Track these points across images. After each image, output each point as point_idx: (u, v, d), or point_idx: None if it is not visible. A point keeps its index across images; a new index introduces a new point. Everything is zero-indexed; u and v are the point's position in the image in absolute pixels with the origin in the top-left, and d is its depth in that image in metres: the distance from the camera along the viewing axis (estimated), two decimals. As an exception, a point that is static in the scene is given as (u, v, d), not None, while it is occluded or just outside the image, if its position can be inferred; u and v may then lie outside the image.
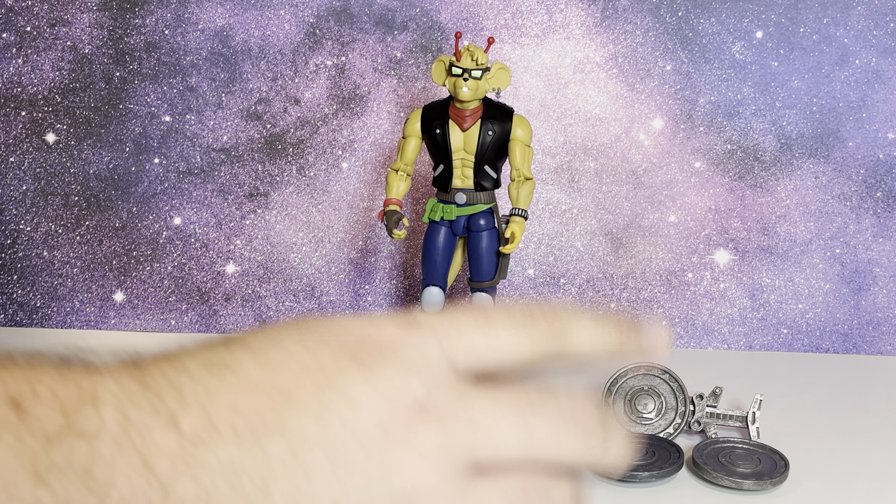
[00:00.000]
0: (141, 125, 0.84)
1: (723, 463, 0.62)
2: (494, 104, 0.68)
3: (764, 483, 0.60)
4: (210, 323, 0.86)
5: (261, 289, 0.85)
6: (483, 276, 0.69)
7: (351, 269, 0.85)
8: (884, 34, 0.81)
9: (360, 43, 0.83)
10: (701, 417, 0.67)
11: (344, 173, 0.85)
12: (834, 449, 0.67)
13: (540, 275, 0.85)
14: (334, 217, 0.85)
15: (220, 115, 0.84)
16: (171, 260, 0.85)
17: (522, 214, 0.67)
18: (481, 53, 0.66)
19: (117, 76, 0.84)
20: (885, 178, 0.82)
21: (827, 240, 0.83)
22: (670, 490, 0.61)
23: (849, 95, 0.82)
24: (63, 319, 0.86)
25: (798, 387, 0.77)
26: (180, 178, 0.84)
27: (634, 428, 0.67)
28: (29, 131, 0.84)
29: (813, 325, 0.84)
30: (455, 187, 0.68)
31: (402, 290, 0.85)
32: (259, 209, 0.85)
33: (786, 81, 0.82)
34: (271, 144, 0.84)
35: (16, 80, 0.84)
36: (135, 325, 0.86)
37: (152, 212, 0.85)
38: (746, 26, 0.82)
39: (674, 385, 0.67)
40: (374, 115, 0.84)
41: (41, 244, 0.85)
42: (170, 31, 0.84)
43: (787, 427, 0.69)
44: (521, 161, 0.68)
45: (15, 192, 0.85)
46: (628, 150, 0.83)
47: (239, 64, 0.84)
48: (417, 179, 0.84)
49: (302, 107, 0.84)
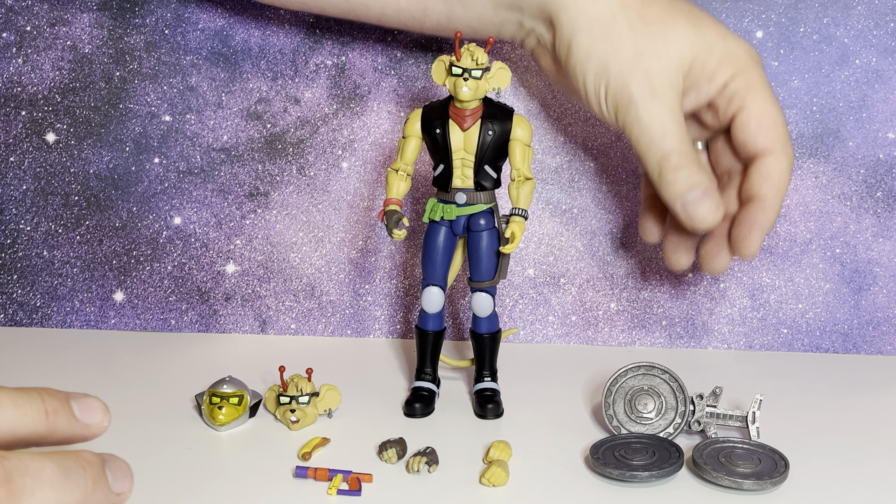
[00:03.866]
0: (141, 125, 0.84)
1: (723, 463, 0.62)
2: (494, 104, 0.68)
3: (764, 483, 0.60)
4: (210, 323, 0.86)
5: (261, 288, 0.85)
6: (483, 276, 0.69)
7: (351, 269, 0.85)
8: (884, 34, 0.81)
9: (360, 43, 0.83)
10: (701, 417, 0.67)
11: (344, 173, 0.85)
12: (834, 449, 0.67)
13: (540, 275, 0.85)
14: (334, 217, 0.85)
15: (220, 115, 0.84)
16: (171, 260, 0.85)
17: (522, 214, 0.67)
18: (481, 53, 0.66)
19: (117, 76, 0.84)
20: (885, 178, 0.82)
21: (827, 240, 0.83)
22: (670, 490, 0.61)
23: (849, 95, 0.82)
24: (63, 319, 0.86)
25: (798, 387, 0.77)
26: (180, 177, 0.84)
27: (634, 428, 0.67)
28: (29, 131, 0.84)
29: (813, 324, 0.84)
30: (455, 187, 0.68)
31: (402, 289, 0.85)
32: (259, 209, 0.85)
33: (786, 81, 0.82)
34: (271, 144, 0.84)
35: (16, 79, 0.84)
36: (135, 324, 0.86)
37: (152, 211, 0.85)
38: (746, 26, 0.82)
39: (674, 385, 0.67)
40: (374, 115, 0.84)
41: (41, 244, 0.85)
42: (170, 30, 0.84)
43: (787, 427, 0.69)
44: (522, 161, 0.68)
45: (15, 191, 0.85)
46: (628, 149, 0.83)
47: (239, 64, 0.84)
48: (417, 179, 0.84)
49: (302, 107, 0.84)
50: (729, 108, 0.69)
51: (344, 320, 0.86)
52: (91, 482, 0.42)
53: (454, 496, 0.59)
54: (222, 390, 0.68)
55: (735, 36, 0.70)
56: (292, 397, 0.67)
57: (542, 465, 0.63)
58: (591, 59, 0.68)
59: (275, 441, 0.66)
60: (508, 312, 0.85)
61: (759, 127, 0.69)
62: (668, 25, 0.68)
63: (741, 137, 0.69)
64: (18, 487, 0.39)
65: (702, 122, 0.73)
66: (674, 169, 0.66)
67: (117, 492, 0.44)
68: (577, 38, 0.68)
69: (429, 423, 0.70)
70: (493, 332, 0.72)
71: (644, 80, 0.67)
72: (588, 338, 0.85)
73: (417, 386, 0.72)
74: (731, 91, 0.69)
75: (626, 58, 0.67)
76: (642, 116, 0.67)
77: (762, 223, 0.69)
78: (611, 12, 0.68)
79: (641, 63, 0.67)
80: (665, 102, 0.67)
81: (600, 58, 0.68)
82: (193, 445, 0.66)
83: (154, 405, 0.71)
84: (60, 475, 0.41)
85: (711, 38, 0.69)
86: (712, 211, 0.67)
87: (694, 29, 0.68)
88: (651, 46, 0.67)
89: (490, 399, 0.71)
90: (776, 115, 0.69)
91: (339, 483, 0.59)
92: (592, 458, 0.62)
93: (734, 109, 0.69)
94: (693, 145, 0.69)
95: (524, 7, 0.70)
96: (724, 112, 0.70)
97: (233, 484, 0.60)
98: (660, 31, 0.68)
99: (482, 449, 0.65)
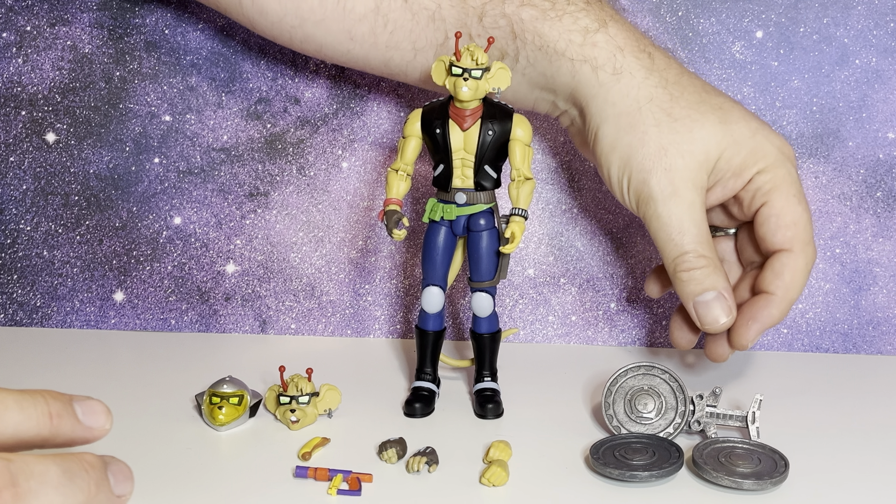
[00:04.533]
0: (141, 125, 0.84)
1: (723, 463, 0.62)
2: (494, 104, 0.68)
3: (764, 483, 0.60)
4: (210, 322, 0.86)
5: (261, 288, 0.85)
6: (483, 276, 0.69)
7: (351, 269, 0.85)
8: (884, 34, 0.81)
9: (360, 43, 0.83)
10: (701, 417, 0.67)
11: (344, 173, 0.85)
12: (834, 449, 0.67)
13: (540, 275, 0.85)
14: (334, 217, 0.85)
15: (220, 115, 0.84)
16: (171, 260, 0.85)
17: (522, 214, 0.67)
18: (481, 53, 0.66)
19: (117, 76, 0.84)
20: (885, 178, 0.82)
21: (827, 240, 0.83)
22: (670, 490, 0.61)
23: (849, 95, 0.82)
24: (63, 319, 0.86)
25: (798, 387, 0.77)
26: (180, 177, 0.84)
27: (634, 428, 0.67)
28: (29, 131, 0.84)
29: (813, 324, 0.84)
30: (455, 187, 0.68)
31: (402, 289, 0.85)
32: (259, 209, 0.85)
33: (786, 81, 0.82)
34: (271, 144, 0.84)
35: (16, 79, 0.84)
36: (135, 324, 0.86)
37: (152, 211, 0.85)
38: (746, 26, 0.82)
39: (674, 385, 0.67)
40: (374, 115, 0.84)
41: (41, 244, 0.85)
42: (170, 30, 0.84)
43: (787, 427, 0.69)
44: (521, 161, 0.68)
45: (15, 191, 0.85)
46: (628, 149, 0.83)
47: (239, 64, 0.84)
48: (417, 179, 0.84)
49: (302, 107, 0.84)
50: (753, 203, 0.69)
51: (344, 320, 0.86)
52: (94, 485, 0.42)
53: (454, 496, 0.59)
54: (222, 390, 0.68)
55: (768, 129, 0.70)
56: (292, 397, 0.67)
57: (542, 465, 0.63)
58: (616, 150, 0.68)
59: (275, 441, 0.66)
60: (508, 312, 0.85)
61: (779, 224, 0.68)
62: (695, 122, 0.68)
63: (761, 232, 0.69)
64: (24, 490, 0.39)
65: (728, 213, 0.73)
66: (688, 269, 0.67)
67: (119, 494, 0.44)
68: (603, 127, 0.69)
69: (429, 423, 0.70)
70: (493, 332, 0.72)
71: (665, 178, 0.67)
72: (588, 338, 0.85)
73: (417, 386, 0.72)
74: (755, 186, 0.69)
75: (650, 153, 0.67)
76: (661, 213, 0.67)
77: (763, 319, 0.68)
78: (637, 106, 0.68)
79: (664, 160, 0.67)
80: (685, 201, 0.67)
81: (624, 150, 0.68)
82: (193, 445, 0.66)
83: (154, 405, 0.71)
84: (64, 478, 0.41)
85: (740, 135, 0.68)
86: (723, 315, 0.67)
87: (722, 126, 0.68)
88: (675, 144, 0.67)
89: (490, 399, 0.71)
90: (799, 213, 0.69)
91: (339, 483, 0.59)
92: (592, 458, 0.62)
93: (757, 204, 0.69)
94: (712, 245, 0.68)
95: (557, 90, 0.71)
96: (748, 206, 0.70)
97: (233, 484, 0.60)
98: (686, 127, 0.67)
99: (482, 449, 0.65)
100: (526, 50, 0.70)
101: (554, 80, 0.70)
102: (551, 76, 0.70)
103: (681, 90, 0.69)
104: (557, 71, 0.70)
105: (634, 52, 0.69)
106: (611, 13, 0.71)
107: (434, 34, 0.71)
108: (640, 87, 0.68)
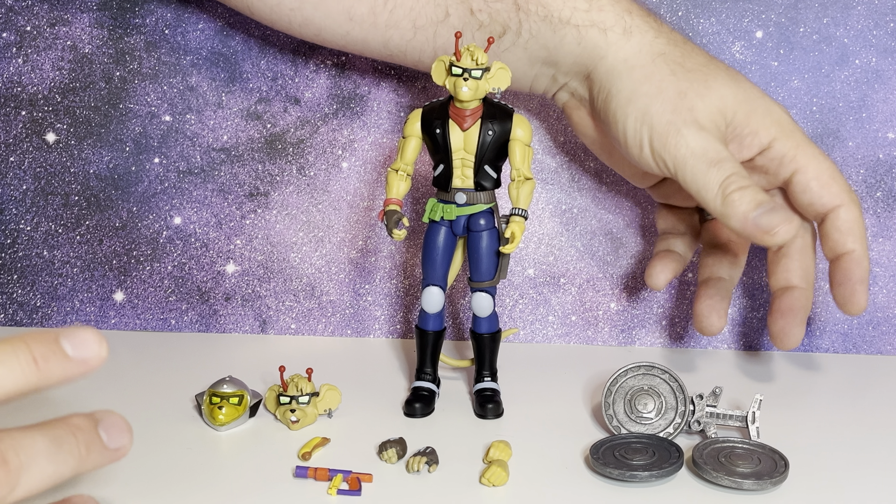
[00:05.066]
0: (141, 125, 0.84)
1: (723, 463, 0.62)
2: (494, 104, 0.68)
3: (764, 483, 0.60)
4: (210, 322, 0.86)
5: (261, 288, 0.85)
6: (483, 276, 0.69)
7: (351, 269, 0.85)
8: (884, 34, 0.81)
9: (360, 43, 0.83)
10: (701, 417, 0.67)
11: (344, 173, 0.85)
12: (834, 449, 0.67)
13: (540, 275, 0.85)
14: (334, 217, 0.85)
15: (220, 115, 0.84)
16: (171, 260, 0.85)
17: (522, 214, 0.67)
18: (481, 53, 0.66)
19: (117, 76, 0.84)
20: (885, 178, 0.82)
21: (827, 240, 0.83)
22: (670, 490, 0.61)
23: (849, 95, 0.82)
24: (63, 319, 0.86)
25: (798, 387, 0.77)
26: (180, 177, 0.84)
27: (634, 428, 0.67)
28: (29, 131, 0.84)
29: (813, 325, 0.84)
30: (455, 187, 0.68)
31: (402, 289, 0.85)
32: (259, 209, 0.85)
33: (786, 81, 0.82)
34: (271, 144, 0.84)
35: (16, 79, 0.84)
36: (135, 324, 0.86)
37: (152, 211, 0.85)
38: (746, 26, 0.82)
39: (674, 385, 0.67)
40: (374, 115, 0.84)
41: (41, 244, 0.85)
42: (170, 30, 0.84)
43: (787, 427, 0.69)
44: (521, 161, 0.68)
45: (15, 191, 0.85)
46: (628, 149, 0.83)
47: (239, 64, 0.84)
48: (417, 179, 0.84)
49: (302, 107, 0.84)
50: (781, 172, 0.69)
51: (344, 320, 0.86)
52: (84, 447, 0.42)
53: (454, 496, 0.59)
54: (222, 390, 0.68)
55: (770, 97, 0.71)
56: (292, 397, 0.67)
57: (542, 465, 0.63)
58: (632, 101, 0.68)
59: (275, 441, 0.66)
60: (508, 312, 0.85)
61: (823, 185, 0.69)
62: (709, 75, 0.68)
63: (806, 199, 0.69)
64: (14, 466, 0.39)
65: None
66: (740, 188, 0.65)
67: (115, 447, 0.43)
68: (616, 83, 0.69)
69: (429, 423, 0.70)
70: (493, 332, 0.72)
71: (690, 115, 0.67)
72: (588, 338, 0.85)
73: (417, 386, 0.72)
74: (778, 154, 0.69)
75: (670, 97, 0.67)
76: (693, 145, 0.66)
77: (861, 276, 0.68)
78: (651, 58, 0.69)
79: (685, 101, 0.67)
80: (713, 133, 0.67)
81: (641, 100, 0.68)
82: (193, 445, 0.66)
83: (154, 405, 0.71)
84: (53, 446, 0.40)
85: (751, 93, 0.69)
86: (787, 219, 0.64)
87: (734, 82, 0.69)
88: (693, 89, 0.67)
89: (490, 399, 0.71)
90: (833, 168, 0.69)
91: (339, 483, 0.59)
92: (592, 458, 0.62)
93: (788, 173, 0.69)
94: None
95: (559, 62, 0.71)
96: (775, 174, 0.70)
97: (233, 484, 0.61)
98: (702, 76, 0.68)
99: (482, 449, 0.65)
100: (529, 21, 0.70)
101: (557, 51, 0.70)
102: (554, 47, 0.70)
103: (690, 49, 0.70)
104: (561, 41, 0.70)
105: (642, 15, 0.70)
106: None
107: (434, 10, 0.71)
108: (652, 43, 0.69)
